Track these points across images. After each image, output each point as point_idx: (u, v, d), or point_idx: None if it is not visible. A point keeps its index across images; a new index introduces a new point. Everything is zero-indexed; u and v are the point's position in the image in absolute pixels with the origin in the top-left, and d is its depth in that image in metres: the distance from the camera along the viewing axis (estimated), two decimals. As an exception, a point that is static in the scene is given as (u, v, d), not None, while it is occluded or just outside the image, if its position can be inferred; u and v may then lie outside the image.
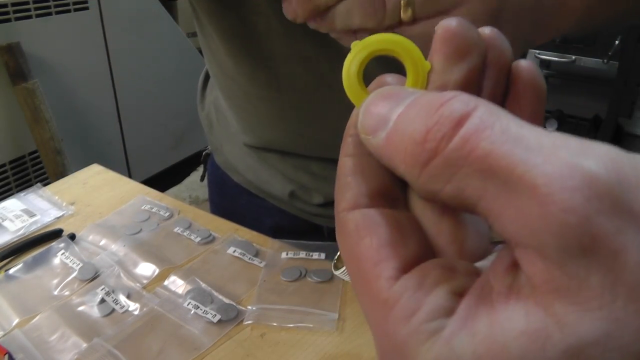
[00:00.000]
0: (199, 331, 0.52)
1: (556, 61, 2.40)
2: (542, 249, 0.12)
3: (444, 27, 0.18)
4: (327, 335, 0.51)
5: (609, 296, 0.12)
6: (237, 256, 0.62)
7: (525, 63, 0.19)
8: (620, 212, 0.12)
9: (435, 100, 0.15)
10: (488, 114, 0.14)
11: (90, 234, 0.67)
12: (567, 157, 0.12)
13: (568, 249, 0.12)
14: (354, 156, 0.18)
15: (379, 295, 0.15)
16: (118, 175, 0.81)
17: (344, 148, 0.18)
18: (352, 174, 0.18)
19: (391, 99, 0.16)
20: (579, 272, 0.12)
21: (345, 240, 0.17)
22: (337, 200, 0.18)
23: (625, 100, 2.29)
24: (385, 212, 0.17)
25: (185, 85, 2.15)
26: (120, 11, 1.91)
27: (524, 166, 0.12)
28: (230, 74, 0.61)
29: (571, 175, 0.12)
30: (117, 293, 0.57)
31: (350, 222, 0.17)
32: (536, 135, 0.13)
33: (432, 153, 0.14)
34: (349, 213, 0.17)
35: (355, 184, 0.18)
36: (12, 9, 1.59)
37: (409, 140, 0.15)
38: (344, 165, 0.18)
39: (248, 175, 0.70)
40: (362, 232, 0.17)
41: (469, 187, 0.14)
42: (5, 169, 1.67)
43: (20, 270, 0.61)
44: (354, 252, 0.17)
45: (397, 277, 0.15)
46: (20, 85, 1.61)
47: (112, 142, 2.01)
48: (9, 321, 0.54)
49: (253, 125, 0.66)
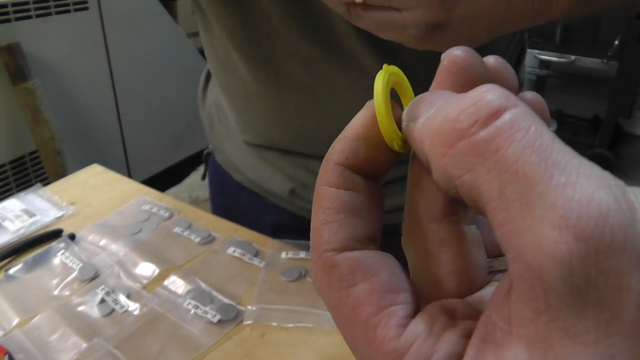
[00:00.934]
0: (199, 331, 0.52)
1: (556, 61, 2.40)
2: (543, 273, 0.12)
3: (450, 58, 0.17)
4: (327, 335, 0.51)
5: (604, 331, 0.11)
6: (237, 256, 0.62)
7: (531, 95, 0.19)
8: (630, 251, 0.12)
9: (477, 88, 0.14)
10: (525, 115, 0.13)
11: (90, 234, 0.67)
12: (590, 185, 0.12)
13: (571, 277, 0.12)
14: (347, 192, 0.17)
15: (385, 345, 0.15)
16: (118, 175, 0.81)
17: (329, 177, 0.17)
18: (345, 211, 0.17)
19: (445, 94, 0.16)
20: (577, 304, 0.12)
21: (333, 285, 0.16)
22: (321, 237, 0.17)
23: (625, 100, 2.29)
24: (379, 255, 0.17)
25: (185, 85, 2.15)
26: (120, 11, 1.92)
27: (547, 183, 0.12)
28: (232, 72, 0.61)
29: (590, 205, 0.12)
30: (117, 293, 0.57)
31: (343, 265, 0.16)
32: (564, 153, 0.13)
33: (461, 134, 0.13)
34: (340, 255, 0.16)
35: (349, 224, 0.17)
36: (12, 9, 1.59)
37: (442, 118, 0.14)
38: (332, 199, 0.17)
39: (248, 173, 0.70)
40: (359, 276, 0.16)
41: (487, 183, 0.13)
42: (5, 169, 1.67)
43: (20, 270, 0.61)
44: (348, 298, 0.16)
45: (405, 324, 0.15)
46: (20, 86, 1.61)
47: (112, 142, 2.01)
48: (9, 321, 0.54)
49: (254, 123, 0.66)
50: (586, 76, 2.47)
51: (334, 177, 0.17)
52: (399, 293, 0.16)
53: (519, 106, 0.13)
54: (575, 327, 0.12)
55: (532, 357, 0.12)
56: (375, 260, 0.16)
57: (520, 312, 0.13)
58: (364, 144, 0.17)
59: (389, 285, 0.16)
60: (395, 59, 0.52)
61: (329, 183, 0.17)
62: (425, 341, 0.15)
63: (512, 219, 0.12)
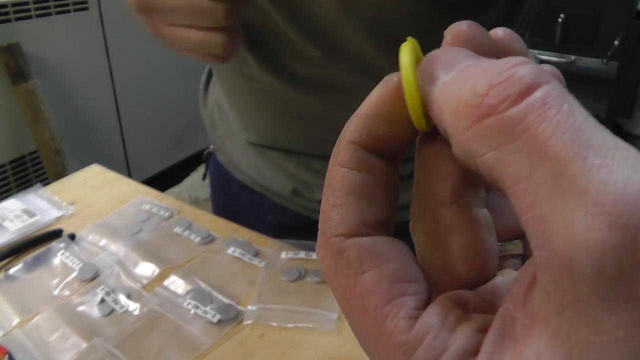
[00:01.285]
0: (199, 331, 0.52)
1: (556, 61, 2.40)
2: (573, 262, 0.11)
3: (453, 32, 0.16)
4: (327, 335, 0.51)
5: (637, 328, 0.10)
6: (237, 256, 0.62)
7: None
8: None
9: (507, 61, 0.13)
10: (558, 92, 0.12)
11: (90, 234, 0.67)
12: (626, 168, 0.11)
13: (604, 268, 0.11)
14: (360, 173, 0.16)
15: (394, 338, 0.14)
16: (118, 175, 0.81)
17: (341, 156, 0.16)
18: (355, 194, 0.16)
19: (461, 53, 0.15)
20: (608, 297, 0.11)
21: (341, 272, 0.15)
22: (329, 220, 0.16)
23: (625, 100, 2.29)
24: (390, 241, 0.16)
25: (185, 85, 2.15)
26: (120, 11, 1.91)
27: (580, 165, 0.11)
28: (238, 70, 0.61)
29: (627, 189, 0.11)
30: (117, 293, 0.57)
31: (351, 251, 0.15)
32: (599, 132, 0.12)
33: (490, 110, 0.12)
34: (348, 240, 0.15)
35: (360, 208, 0.16)
36: (12, 9, 1.59)
37: (468, 91, 0.13)
38: (343, 180, 0.16)
39: (250, 172, 0.70)
40: (368, 264, 0.15)
41: (514, 164, 0.12)
42: (5, 169, 1.67)
43: (20, 270, 0.61)
44: (355, 287, 0.15)
45: (416, 316, 0.14)
46: (20, 86, 1.61)
47: (112, 142, 2.02)
48: (9, 321, 0.54)
49: (257, 123, 0.66)
50: (586, 76, 2.47)
51: (346, 156, 0.16)
52: (410, 283, 0.15)
53: (551, 83, 0.12)
54: (605, 323, 0.11)
55: (556, 355, 0.11)
56: (385, 247, 0.15)
57: (543, 305, 0.12)
58: (379, 120, 0.16)
59: (399, 275, 0.15)
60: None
61: (341, 163, 0.16)
62: (438, 335, 0.14)
63: (541, 202, 0.12)
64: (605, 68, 2.27)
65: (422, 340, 0.14)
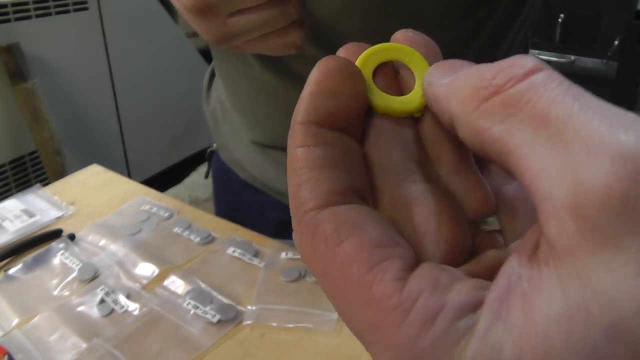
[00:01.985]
0: (199, 331, 0.52)
1: (556, 61, 2.40)
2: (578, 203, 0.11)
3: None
4: (326, 335, 0.51)
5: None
6: (237, 256, 0.62)
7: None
8: None
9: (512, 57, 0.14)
10: (558, 75, 0.13)
11: (90, 234, 0.67)
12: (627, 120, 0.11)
13: (609, 202, 0.11)
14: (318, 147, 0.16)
15: (384, 302, 0.13)
16: (118, 175, 0.81)
17: (296, 138, 0.16)
18: (318, 167, 0.15)
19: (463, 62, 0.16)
20: (614, 233, 0.11)
21: (319, 246, 0.15)
22: (298, 199, 0.15)
23: (625, 101, 2.29)
24: (366, 209, 0.15)
25: (185, 85, 2.15)
26: (120, 11, 1.91)
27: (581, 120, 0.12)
28: (239, 71, 0.61)
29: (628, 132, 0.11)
30: (116, 293, 0.57)
31: (326, 223, 0.15)
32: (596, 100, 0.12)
33: (497, 89, 0.14)
34: (321, 212, 0.15)
35: (326, 179, 0.15)
36: (12, 9, 1.59)
37: (477, 78, 0.14)
38: (303, 158, 0.16)
39: (253, 171, 0.70)
40: (345, 232, 0.14)
41: (519, 133, 0.13)
42: (5, 169, 1.67)
43: (20, 271, 0.61)
44: (335, 259, 0.14)
45: (403, 277, 0.13)
46: (19, 86, 1.61)
47: (111, 142, 2.01)
48: (8, 321, 0.54)
49: (260, 122, 0.66)
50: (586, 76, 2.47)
51: (300, 136, 0.16)
52: (392, 247, 0.14)
53: (551, 69, 0.14)
54: (613, 260, 0.11)
55: (569, 298, 0.11)
56: (362, 215, 0.15)
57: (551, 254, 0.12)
58: (323, 96, 0.16)
59: (380, 240, 0.14)
60: None
61: (297, 144, 0.16)
62: (433, 293, 0.13)
63: (543, 159, 0.12)
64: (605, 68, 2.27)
65: (415, 300, 0.13)
